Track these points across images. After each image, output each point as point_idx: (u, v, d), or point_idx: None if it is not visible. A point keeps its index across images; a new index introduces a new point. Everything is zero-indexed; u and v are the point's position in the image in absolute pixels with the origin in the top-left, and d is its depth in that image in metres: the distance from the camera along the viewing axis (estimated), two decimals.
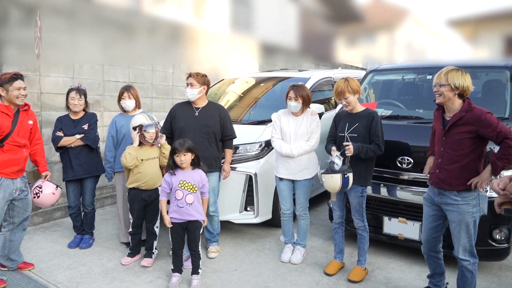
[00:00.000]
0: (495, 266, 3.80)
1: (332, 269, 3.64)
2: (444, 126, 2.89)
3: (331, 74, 5.95)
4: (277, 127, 3.82)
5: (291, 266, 3.80)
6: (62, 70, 5.01)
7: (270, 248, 4.21)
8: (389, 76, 4.79)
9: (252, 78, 5.97)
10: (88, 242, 4.19)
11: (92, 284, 3.42)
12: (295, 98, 3.67)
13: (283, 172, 3.78)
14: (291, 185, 3.83)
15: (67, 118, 4.12)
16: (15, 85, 3.25)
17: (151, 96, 6.25)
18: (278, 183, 3.88)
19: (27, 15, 4.58)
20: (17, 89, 3.26)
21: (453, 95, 2.77)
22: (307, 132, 3.72)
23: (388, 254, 4.03)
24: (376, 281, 3.52)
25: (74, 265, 3.77)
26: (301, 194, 3.80)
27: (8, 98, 3.27)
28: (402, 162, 3.70)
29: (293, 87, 3.71)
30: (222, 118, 3.90)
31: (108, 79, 5.56)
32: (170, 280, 3.42)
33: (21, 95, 3.29)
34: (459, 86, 2.75)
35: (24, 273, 3.58)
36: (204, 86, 3.86)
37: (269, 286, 3.43)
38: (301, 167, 3.73)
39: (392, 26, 13.68)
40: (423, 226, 3.11)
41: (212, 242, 4.06)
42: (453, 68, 2.81)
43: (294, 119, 3.77)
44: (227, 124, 3.93)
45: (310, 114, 3.76)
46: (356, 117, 3.44)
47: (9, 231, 3.53)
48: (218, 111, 3.93)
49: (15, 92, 3.25)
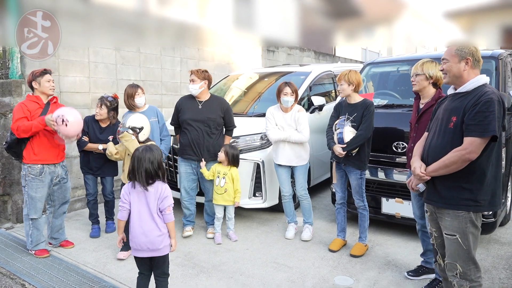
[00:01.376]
0: (483, 239, 4.14)
1: (335, 245, 3.99)
2: (417, 113, 3.21)
3: (331, 67, 6.28)
4: (272, 120, 4.21)
5: (298, 245, 4.14)
6: (79, 70, 5.35)
7: (278, 230, 4.56)
8: (385, 68, 5.11)
9: (256, 74, 6.30)
10: (112, 226, 4.56)
11: (118, 263, 3.78)
12: (291, 94, 4.07)
13: (281, 159, 4.20)
14: (289, 171, 4.25)
15: (95, 123, 4.39)
16: (45, 77, 3.77)
17: (160, 93, 6.58)
18: (277, 169, 4.29)
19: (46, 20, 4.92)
20: (47, 81, 3.77)
21: (428, 84, 3.12)
22: (295, 125, 4.13)
23: (386, 232, 4.37)
24: (375, 256, 3.86)
25: (100, 248, 4.13)
26: (300, 175, 4.21)
27: (40, 89, 3.77)
28: (397, 147, 4.03)
29: (287, 84, 4.11)
30: (224, 111, 4.30)
31: (121, 77, 5.89)
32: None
33: (51, 86, 3.81)
34: (433, 76, 3.10)
35: (55, 255, 3.94)
36: (205, 81, 4.25)
37: (278, 261, 3.78)
38: (296, 155, 4.15)
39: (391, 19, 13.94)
40: (413, 205, 3.42)
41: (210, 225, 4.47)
42: (428, 60, 3.16)
43: (283, 114, 4.19)
44: (228, 116, 4.34)
45: (297, 111, 4.16)
46: (354, 107, 3.78)
47: (51, 213, 4.03)
48: (220, 104, 4.33)
49: (46, 84, 3.77)
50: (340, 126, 3.76)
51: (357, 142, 3.66)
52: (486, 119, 2.23)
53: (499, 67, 4.10)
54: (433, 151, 2.47)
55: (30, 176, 3.74)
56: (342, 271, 3.57)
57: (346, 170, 3.85)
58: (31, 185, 3.76)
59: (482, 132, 2.24)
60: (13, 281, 3.45)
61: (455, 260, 2.41)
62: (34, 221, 3.83)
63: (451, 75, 2.43)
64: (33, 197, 3.77)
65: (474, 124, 2.26)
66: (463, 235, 2.36)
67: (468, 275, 2.39)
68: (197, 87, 4.22)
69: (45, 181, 3.80)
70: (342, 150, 3.67)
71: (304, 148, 4.21)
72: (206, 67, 7.31)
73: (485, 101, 2.25)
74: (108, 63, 5.75)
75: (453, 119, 2.37)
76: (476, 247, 2.44)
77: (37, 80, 3.74)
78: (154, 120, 4.46)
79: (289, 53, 9.88)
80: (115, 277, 3.50)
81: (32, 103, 3.75)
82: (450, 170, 2.35)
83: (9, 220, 4.85)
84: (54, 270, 3.63)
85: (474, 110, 2.27)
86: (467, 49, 2.38)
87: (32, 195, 3.77)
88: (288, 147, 4.15)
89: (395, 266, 3.64)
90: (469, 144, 2.27)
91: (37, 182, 3.76)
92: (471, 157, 2.27)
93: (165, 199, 2.66)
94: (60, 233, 4.12)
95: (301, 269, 3.60)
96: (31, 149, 3.74)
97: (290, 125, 4.14)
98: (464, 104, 2.34)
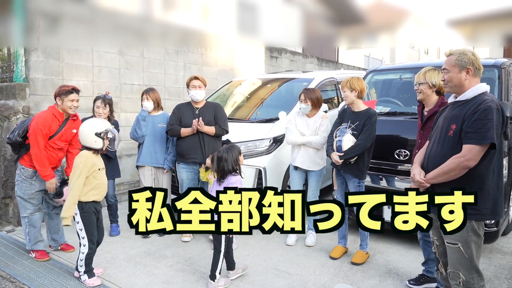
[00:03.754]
0: (486, 248, 4.11)
1: (336, 253, 3.97)
2: (422, 120, 3.22)
3: (334, 74, 6.29)
4: (293, 124, 4.23)
5: (299, 251, 4.13)
6: (83, 74, 5.38)
7: (279, 236, 4.53)
8: (388, 75, 5.12)
9: (259, 80, 6.32)
10: (117, 230, 4.58)
11: (118, 268, 3.77)
12: (304, 101, 4.08)
13: (296, 161, 4.20)
14: (304, 175, 4.25)
15: None
16: (70, 97, 3.76)
17: (163, 97, 6.59)
18: (292, 171, 4.29)
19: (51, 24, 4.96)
20: (70, 100, 3.76)
21: (431, 92, 3.13)
22: (315, 133, 4.13)
23: (388, 240, 4.35)
24: (376, 264, 3.84)
25: (100, 252, 4.10)
26: (314, 182, 4.22)
27: (62, 107, 3.78)
28: (399, 154, 4.02)
29: (305, 90, 4.14)
30: (216, 112, 4.35)
31: (124, 82, 5.92)
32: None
33: (73, 106, 3.80)
34: (436, 84, 3.11)
35: (55, 259, 3.94)
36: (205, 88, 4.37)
37: (279, 268, 3.76)
38: (310, 159, 4.15)
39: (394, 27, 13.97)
40: None
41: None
42: (430, 68, 3.17)
43: (306, 119, 4.20)
44: (219, 113, 4.35)
45: (321, 117, 4.16)
46: (358, 115, 3.78)
47: (46, 214, 4.05)
48: (214, 106, 4.41)
49: (68, 103, 3.76)
50: (340, 134, 3.76)
51: (355, 152, 3.66)
52: (484, 126, 2.25)
53: (502, 75, 4.10)
54: (433, 159, 2.48)
55: (22, 177, 3.82)
56: (343, 278, 3.56)
57: (345, 177, 3.84)
58: (21, 186, 3.83)
59: (480, 139, 2.25)
60: (13, 284, 3.45)
61: (457, 269, 2.39)
62: (28, 219, 3.86)
63: (452, 85, 2.45)
64: (21, 198, 3.85)
65: (472, 131, 2.28)
66: (465, 244, 2.35)
67: (471, 284, 2.37)
68: (203, 93, 4.33)
69: (35, 184, 3.83)
70: (339, 158, 3.67)
71: (319, 154, 4.19)
72: (209, 72, 7.37)
73: (484, 109, 2.27)
74: (112, 67, 5.78)
75: (452, 127, 2.39)
76: (480, 256, 2.43)
77: (61, 97, 3.76)
78: (162, 126, 4.50)
79: (292, 59, 9.91)
80: (115, 282, 3.50)
81: (54, 119, 3.77)
82: (449, 177, 2.35)
83: (10, 223, 4.86)
84: (54, 273, 3.62)
85: (473, 118, 2.29)
86: (466, 59, 2.38)
87: (20, 195, 3.85)
88: (303, 150, 4.15)
89: (396, 275, 3.62)
90: (468, 152, 2.28)
91: (27, 184, 3.82)
92: (469, 164, 2.28)
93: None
94: (59, 236, 4.12)
95: (301, 276, 3.59)
96: (29, 156, 3.79)
97: (311, 131, 4.16)
98: (464, 112, 2.35)
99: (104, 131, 3.35)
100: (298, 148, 4.18)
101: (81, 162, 3.30)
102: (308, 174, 4.23)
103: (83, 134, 3.34)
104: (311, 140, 4.10)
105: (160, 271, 3.70)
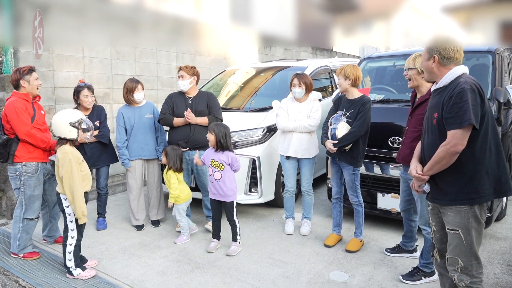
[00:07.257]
0: None
1: (331, 241, 3.98)
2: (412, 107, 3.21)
3: (328, 62, 6.25)
4: (284, 111, 4.18)
5: (294, 240, 4.13)
6: (73, 65, 5.31)
7: (274, 225, 4.55)
8: (382, 63, 5.09)
9: (253, 69, 6.26)
10: (103, 223, 4.53)
11: (112, 259, 3.76)
12: (299, 85, 4.04)
13: (288, 150, 4.14)
14: (296, 164, 4.21)
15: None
16: (33, 75, 3.63)
17: (156, 88, 6.55)
18: (284, 162, 4.24)
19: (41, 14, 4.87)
20: (36, 79, 3.64)
21: (421, 79, 3.09)
22: (308, 116, 4.09)
23: (382, 227, 4.37)
24: (371, 251, 3.85)
25: (94, 244, 4.11)
26: (306, 171, 4.18)
27: (30, 88, 3.62)
28: (393, 142, 4.01)
29: (297, 75, 4.10)
30: (209, 98, 4.29)
31: (116, 72, 5.85)
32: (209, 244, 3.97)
33: (39, 84, 3.68)
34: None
35: (49, 251, 3.92)
36: (194, 76, 4.26)
37: (273, 257, 3.77)
38: (303, 147, 4.10)
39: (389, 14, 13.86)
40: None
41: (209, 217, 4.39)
42: (420, 54, 3.11)
43: (298, 105, 4.15)
44: (212, 103, 4.29)
45: (312, 100, 4.11)
46: (352, 103, 3.75)
47: (47, 213, 3.98)
48: (207, 96, 4.33)
49: (35, 82, 3.64)
50: (335, 121, 3.74)
51: (349, 139, 3.64)
52: (461, 109, 2.24)
53: (495, 61, 4.09)
54: (427, 150, 2.49)
55: (26, 175, 3.63)
56: (338, 266, 3.57)
57: (340, 165, 3.83)
58: (29, 184, 3.65)
59: (460, 123, 2.25)
60: (7, 277, 3.43)
61: (456, 255, 2.39)
62: (27, 223, 3.71)
63: (425, 72, 2.55)
64: (31, 196, 3.67)
65: (451, 116, 2.28)
66: (465, 230, 2.35)
67: (470, 270, 2.38)
68: (187, 83, 4.21)
69: (41, 178, 3.73)
70: (333, 146, 3.65)
71: (312, 141, 4.15)
72: (202, 62, 7.30)
73: (458, 92, 2.27)
74: (103, 58, 5.71)
75: (435, 115, 2.40)
76: (480, 243, 2.41)
77: (25, 79, 3.57)
78: (150, 117, 4.44)
79: (286, 48, 9.84)
80: (109, 273, 3.49)
81: (26, 103, 3.58)
82: (442, 165, 2.34)
83: (3, 216, 4.83)
84: (48, 266, 3.61)
85: (450, 103, 2.29)
86: (435, 47, 2.42)
87: (30, 194, 3.67)
88: (295, 138, 4.10)
89: (391, 261, 3.63)
90: (452, 137, 2.28)
91: (35, 180, 3.67)
92: (457, 150, 2.27)
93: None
94: (54, 230, 4.09)
95: (296, 265, 3.59)
96: (25, 148, 3.61)
97: (304, 115, 4.12)
98: (442, 99, 2.36)
99: (78, 120, 3.29)
100: (289, 136, 4.13)
101: (67, 158, 3.23)
102: (300, 162, 4.20)
103: (57, 124, 3.26)
104: (304, 123, 4.05)
105: (155, 262, 3.69)
